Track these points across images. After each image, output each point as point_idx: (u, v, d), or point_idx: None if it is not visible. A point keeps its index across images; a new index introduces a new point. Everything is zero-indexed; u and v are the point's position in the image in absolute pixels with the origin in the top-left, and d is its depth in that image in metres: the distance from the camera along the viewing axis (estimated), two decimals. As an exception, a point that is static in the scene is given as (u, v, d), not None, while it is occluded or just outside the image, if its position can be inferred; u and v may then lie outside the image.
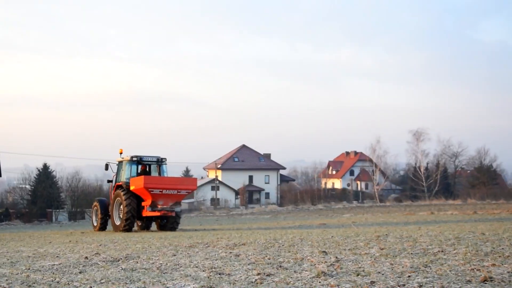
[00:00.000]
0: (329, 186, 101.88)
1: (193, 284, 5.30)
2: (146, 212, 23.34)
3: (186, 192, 24.43)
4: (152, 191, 22.81)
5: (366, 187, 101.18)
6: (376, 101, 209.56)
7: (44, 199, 57.61)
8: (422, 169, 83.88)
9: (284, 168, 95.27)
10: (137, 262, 8.20)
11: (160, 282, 5.80)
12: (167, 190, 22.97)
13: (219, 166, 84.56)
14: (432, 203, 72.13)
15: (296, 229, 20.29)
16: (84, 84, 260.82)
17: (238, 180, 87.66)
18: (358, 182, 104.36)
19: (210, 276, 6.00)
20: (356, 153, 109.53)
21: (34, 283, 6.57)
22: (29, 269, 8.12)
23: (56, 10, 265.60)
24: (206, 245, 10.83)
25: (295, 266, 6.60)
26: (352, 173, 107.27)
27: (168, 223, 24.08)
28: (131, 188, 23.38)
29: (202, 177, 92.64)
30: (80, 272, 7.38)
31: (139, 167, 24.70)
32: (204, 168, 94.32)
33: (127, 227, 23.23)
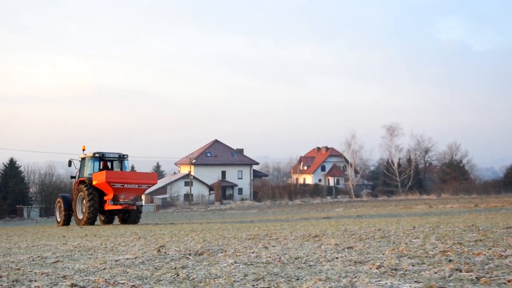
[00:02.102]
0: (300, 181, 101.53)
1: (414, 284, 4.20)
2: (108, 206, 24.14)
3: (147, 186, 25.30)
4: (114, 185, 23.66)
5: (338, 183, 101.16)
6: (340, 98, 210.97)
7: (15, 194, 55.15)
8: (395, 164, 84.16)
9: (257, 164, 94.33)
10: (241, 255, 7.04)
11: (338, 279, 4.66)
12: (128, 185, 23.93)
13: (193, 161, 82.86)
14: (408, 198, 72.34)
15: (318, 220, 19.30)
16: (46, 80, 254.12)
17: (211, 175, 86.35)
18: (330, 178, 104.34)
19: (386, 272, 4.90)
20: (327, 148, 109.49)
21: (159, 279, 5.37)
22: (116, 262, 6.89)
23: (13, 3, 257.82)
24: (276, 238, 9.71)
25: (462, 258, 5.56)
26: (323, 168, 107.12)
27: (130, 216, 24.91)
28: (94, 183, 24.09)
29: (174, 173, 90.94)
30: (182, 267, 6.17)
31: (101, 163, 25.41)
32: (175, 164, 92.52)
33: (90, 221, 24.04)
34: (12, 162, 64.69)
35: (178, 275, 5.46)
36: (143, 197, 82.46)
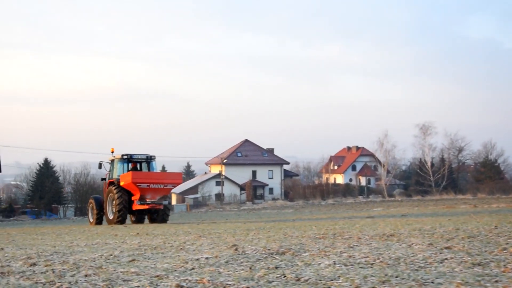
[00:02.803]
0: (331, 181, 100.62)
1: None
2: (136, 206, 24.83)
3: (172, 186, 26.09)
4: (140, 185, 24.35)
5: (369, 182, 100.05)
6: (368, 97, 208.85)
7: (51, 194, 55.70)
8: (429, 164, 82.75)
9: (288, 163, 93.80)
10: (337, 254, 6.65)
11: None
12: (154, 185, 24.57)
13: (225, 161, 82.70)
14: (443, 197, 70.98)
15: (363, 219, 18.80)
16: (75, 81, 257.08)
17: (242, 175, 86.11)
18: (361, 177, 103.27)
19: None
20: (358, 148, 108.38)
21: (269, 280, 5.03)
22: (198, 261, 6.56)
23: (41, 6, 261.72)
24: (348, 237, 9.29)
25: None
26: (354, 168, 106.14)
27: (158, 216, 25.35)
28: (122, 183, 24.79)
29: (205, 172, 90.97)
30: (276, 267, 5.80)
31: (130, 164, 26.13)
32: (206, 163, 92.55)
33: (120, 220, 24.60)
34: (46, 162, 65.49)
35: (285, 276, 5.10)
36: (173, 196, 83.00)
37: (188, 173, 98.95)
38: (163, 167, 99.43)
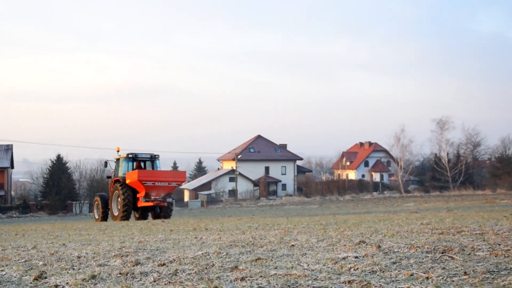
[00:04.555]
0: (343, 177, 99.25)
1: None
2: (141, 203, 25.56)
3: (176, 184, 26.89)
4: (145, 183, 25.12)
5: (382, 178, 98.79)
6: (379, 93, 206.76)
7: (66, 190, 54.62)
8: (446, 159, 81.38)
9: (301, 159, 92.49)
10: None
11: None
12: (159, 182, 25.36)
13: (239, 156, 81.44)
14: (462, 193, 69.80)
15: (409, 213, 17.61)
16: (83, 78, 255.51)
17: (255, 171, 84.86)
18: (373, 173, 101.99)
19: None
20: (370, 143, 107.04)
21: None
22: (333, 260, 5.36)
23: (50, 4, 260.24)
24: (481, 232, 8.07)
25: None
26: (366, 164, 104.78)
27: (162, 212, 25.98)
28: (127, 181, 25.54)
29: (218, 168, 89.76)
30: (443, 268, 4.57)
31: (134, 163, 26.86)
32: (218, 159, 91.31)
33: (125, 217, 25.28)
34: (59, 158, 64.31)
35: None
36: (186, 193, 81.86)
37: (200, 170, 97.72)
38: (174, 163, 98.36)
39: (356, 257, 5.64)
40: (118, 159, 27.27)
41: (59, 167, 60.33)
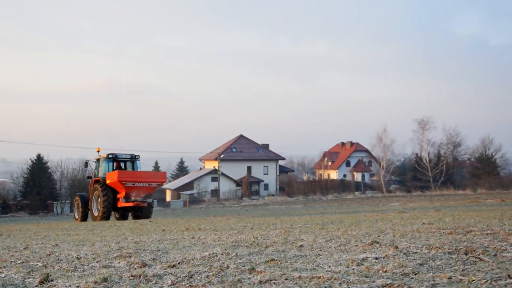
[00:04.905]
0: (325, 177, 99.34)
1: None
2: (121, 203, 25.61)
3: (157, 184, 26.71)
4: (126, 184, 25.15)
5: (363, 178, 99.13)
6: (357, 93, 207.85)
7: (48, 190, 53.76)
8: (427, 159, 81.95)
9: (283, 159, 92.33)
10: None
11: None
12: (139, 183, 25.39)
13: (222, 156, 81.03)
14: (443, 193, 70.34)
15: (397, 213, 17.53)
16: (63, 77, 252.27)
17: (237, 170, 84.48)
18: (355, 173, 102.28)
19: None
20: (352, 143, 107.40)
21: None
22: (353, 261, 5.15)
23: (29, 3, 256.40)
24: (493, 232, 7.94)
25: None
26: (348, 164, 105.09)
27: (142, 213, 26.07)
28: (107, 182, 25.55)
29: (200, 168, 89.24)
30: (477, 270, 4.41)
31: (115, 163, 26.92)
32: (200, 159, 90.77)
33: (105, 217, 25.42)
34: (39, 158, 63.28)
35: None
36: (168, 192, 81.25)
37: (182, 169, 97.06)
38: (156, 163, 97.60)
39: (376, 258, 5.44)
40: (98, 160, 27.37)
41: (39, 167, 59.34)
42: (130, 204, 25.53)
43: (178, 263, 5.88)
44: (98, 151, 28.01)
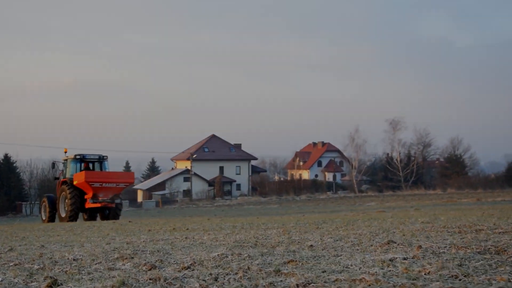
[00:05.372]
0: (296, 177, 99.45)
1: None
2: (89, 204, 25.51)
3: (124, 185, 26.71)
4: (93, 184, 25.04)
5: (335, 178, 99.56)
6: (327, 93, 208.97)
7: (16, 191, 52.43)
8: (398, 159, 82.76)
9: (255, 159, 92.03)
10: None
11: None
12: (107, 184, 25.27)
13: (194, 156, 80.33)
14: (415, 192, 71.10)
15: (381, 213, 17.46)
16: (30, 76, 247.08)
17: (209, 170, 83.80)
18: (327, 173, 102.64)
19: None
20: (323, 143, 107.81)
21: None
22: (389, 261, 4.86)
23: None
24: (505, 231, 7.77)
25: None
26: (319, 164, 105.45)
27: (110, 213, 25.99)
28: (75, 183, 25.41)
29: (172, 168, 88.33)
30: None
31: (82, 164, 26.77)
32: (172, 159, 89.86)
33: (72, 218, 25.21)
34: (7, 158, 61.64)
35: None
36: (140, 193, 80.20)
37: (153, 169, 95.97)
38: (127, 163, 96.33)
39: (405, 258, 5.16)
40: (65, 160, 27.24)
41: (7, 167, 57.79)
42: (98, 205, 25.49)
43: (191, 265, 5.52)
44: (65, 152, 27.83)
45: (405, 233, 7.75)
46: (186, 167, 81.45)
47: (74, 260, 6.75)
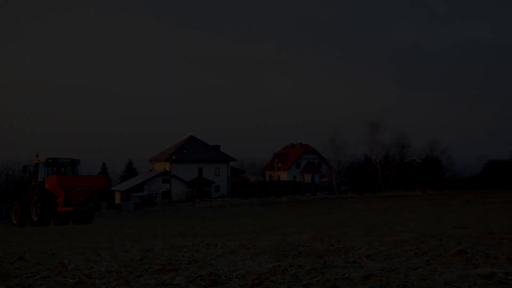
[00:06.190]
0: (274, 178, 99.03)
1: None
2: (61, 208, 25.31)
3: (97, 188, 26.81)
4: (65, 188, 24.98)
5: (313, 179, 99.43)
6: (304, 95, 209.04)
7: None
8: (378, 161, 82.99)
9: (234, 160, 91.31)
10: None
11: None
12: (79, 187, 25.22)
13: (173, 157, 79.17)
14: (395, 194, 71.34)
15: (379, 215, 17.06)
16: (4, 75, 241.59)
17: (188, 172, 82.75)
18: (305, 175, 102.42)
19: None
20: (302, 145, 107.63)
21: None
22: None
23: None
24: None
25: None
26: (298, 165, 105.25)
27: (82, 217, 25.73)
28: (46, 186, 25.36)
29: (150, 170, 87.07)
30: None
31: (54, 168, 26.70)
32: (150, 160, 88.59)
33: (44, 222, 25.15)
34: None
35: None
36: (118, 195, 78.76)
37: (130, 171, 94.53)
38: (104, 165, 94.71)
39: (508, 274, 4.57)
40: (37, 164, 27.05)
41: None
42: (70, 209, 25.25)
43: (256, 279, 4.88)
44: (36, 156, 27.72)
45: (460, 239, 7.23)
46: (164, 168, 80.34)
47: (108, 272, 6.04)
